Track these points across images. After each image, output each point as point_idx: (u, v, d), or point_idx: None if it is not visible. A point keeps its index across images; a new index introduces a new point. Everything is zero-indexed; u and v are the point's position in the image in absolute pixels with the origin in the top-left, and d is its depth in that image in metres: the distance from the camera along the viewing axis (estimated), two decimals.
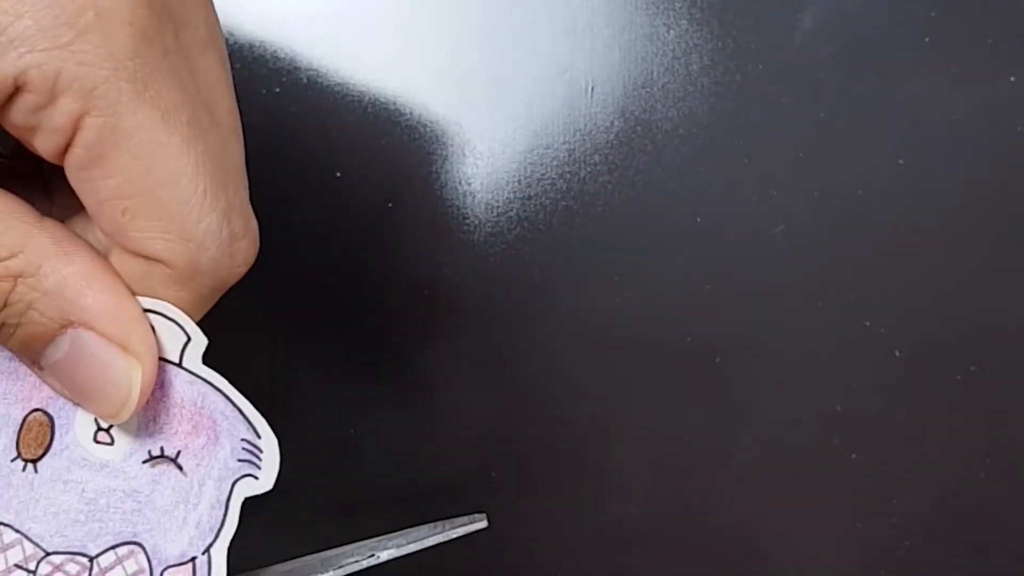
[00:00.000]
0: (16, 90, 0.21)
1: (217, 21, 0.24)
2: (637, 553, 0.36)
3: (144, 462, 0.24)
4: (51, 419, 0.24)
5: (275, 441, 0.24)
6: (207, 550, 0.24)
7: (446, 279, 0.35)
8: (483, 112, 0.35)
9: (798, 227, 0.35)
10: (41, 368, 0.23)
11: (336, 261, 0.35)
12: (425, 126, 0.35)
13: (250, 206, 0.23)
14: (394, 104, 0.35)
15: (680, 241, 0.35)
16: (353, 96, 0.35)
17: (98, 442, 0.24)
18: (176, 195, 0.22)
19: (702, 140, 0.35)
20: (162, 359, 0.24)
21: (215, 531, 0.24)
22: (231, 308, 0.36)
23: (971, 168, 0.34)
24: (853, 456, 0.35)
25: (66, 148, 0.22)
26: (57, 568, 0.24)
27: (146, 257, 0.22)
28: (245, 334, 0.35)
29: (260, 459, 0.24)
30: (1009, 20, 0.34)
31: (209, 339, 0.24)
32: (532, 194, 0.35)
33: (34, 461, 0.24)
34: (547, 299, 0.35)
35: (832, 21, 0.34)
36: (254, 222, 0.24)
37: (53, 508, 0.24)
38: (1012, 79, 0.34)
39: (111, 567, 0.24)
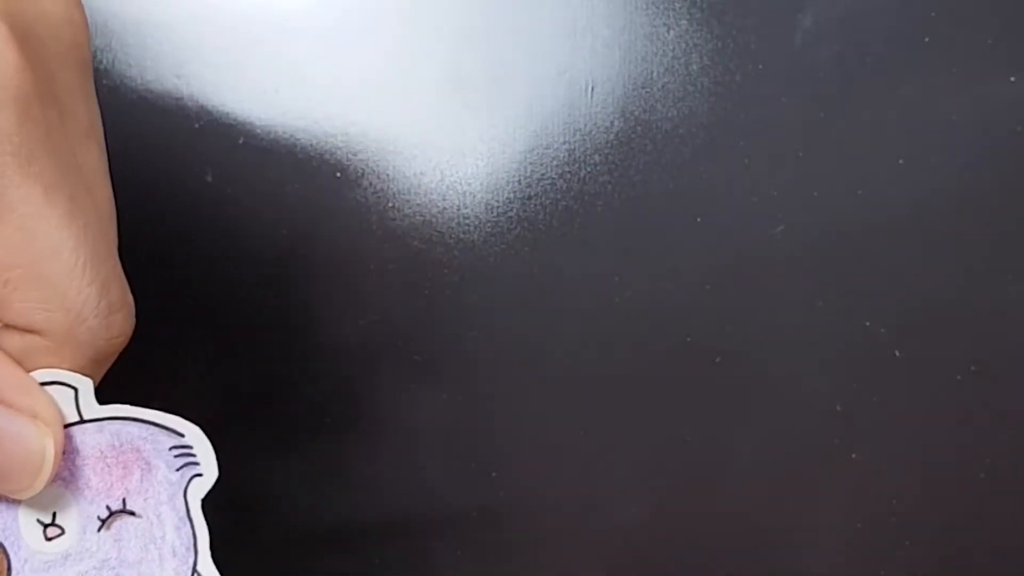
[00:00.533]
0: None
1: (99, 115, 0.24)
2: (637, 553, 0.36)
3: (99, 530, 0.24)
4: (0, 546, 0.24)
5: (198, 429, 0.24)
6: (194, 570, 0.24)
7: (446, 279, 0.35)
8: (483, 112, 0.35)
9: (798, 227, 0.35)
10: None
11: (335, 261, 0.35)
12: (425, 126, 0.35)
13: (126, 282, 0.24)
14: (394, 104, 0.35)
15: (680, 241, 0.35)
16: (353, 96, 0.35)
17: (50, 539, 0.24)
18: (57, 267, 0.22)
19: (702, 140, 0.35)
20: (65, 425, 0.23)
21: (192, 548, 0.24)
22: (229, 308, 0.36)
23: (971, 168, 0.34)
24: (853, 456, 0.35)
25: None
26: None
27: (25, 330, 0.23)
28: (242, 335, 0.35)
29: (195, 455, 0.24)
30: (1009, 20, 0.34)
31: (198, 344, 0.24)
32: (532, 194, 0.35)
33: None
34: (547, 299, 0.35)
35: (832, 21, 0.34)
36: (130, 297, 0.24)
37: None
38: (1012, 79, 0.34)
39: None
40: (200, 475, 0.24)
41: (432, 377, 0.35)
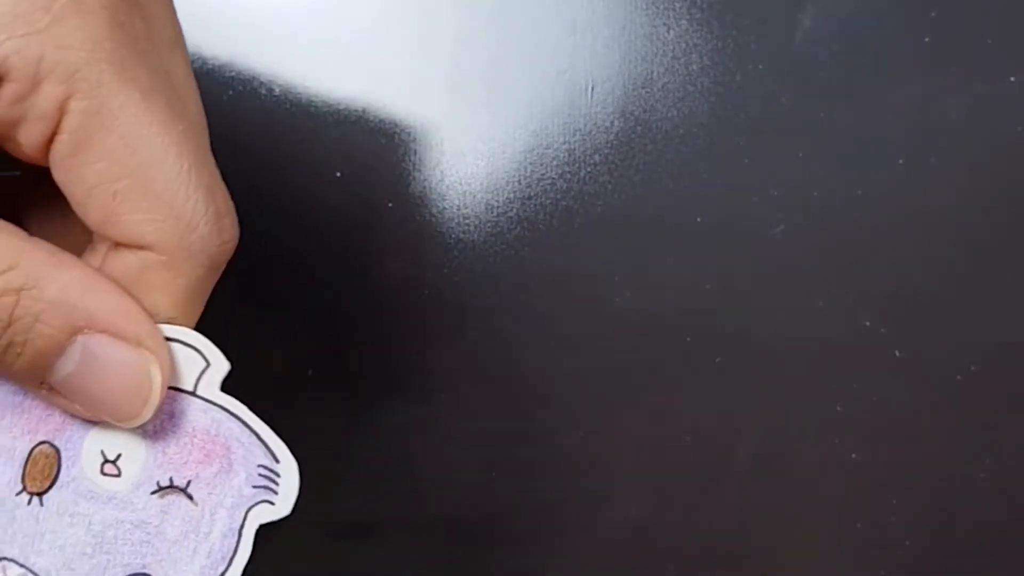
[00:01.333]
0: None
1: (181, 27, 0.24)
2: (637, 553, 0.36)
3: (152, 493, 0.23)
4: (58, 451, 0.23)
5: (295, 465, 0.24)
6: None
7: (447, 279, 0.35)
8: (483, 112, 0.35)
9: (798, 227, 0.35)
10: (50, 388, 0.23)
11: (336, 261, 0.35)
12: (425, 126, 0.35)
13: (226, 187, 0.24)
14: (394, 104, 0.35)
15: (680, 241, 0.35)
16: (353, 96, 0.35)
17: (105, 474, 0.23)
18: (163, 174, 0.22)
19: (702, 140, 0.35)
20: (175, 388, 0.23)
21: (227, 560, 0.24)
22: (227, 308, 0.36)
23: (971, 168, 0.34)
24: (853, 456, 0.35)
25: (51, 137, 0.22)
26: None
27: (138, 247, 0.22)
28: (241, 335, 0.35)
29: (277, 484, 0.24)
30: (1009, 20, 0.34)
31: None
32: (532, 194, 0.35)
33: (40, 494, 0.23)
34: (547, 299, 0.35)
35: (832, 21, 0.34)
36: (232, 203, 0.24)
37: (60, 541, 0.23)
38: (1012, 79, 0.34)
39: None
40: (272, 503, 0.24)
41: (431, 377, 0.35)
